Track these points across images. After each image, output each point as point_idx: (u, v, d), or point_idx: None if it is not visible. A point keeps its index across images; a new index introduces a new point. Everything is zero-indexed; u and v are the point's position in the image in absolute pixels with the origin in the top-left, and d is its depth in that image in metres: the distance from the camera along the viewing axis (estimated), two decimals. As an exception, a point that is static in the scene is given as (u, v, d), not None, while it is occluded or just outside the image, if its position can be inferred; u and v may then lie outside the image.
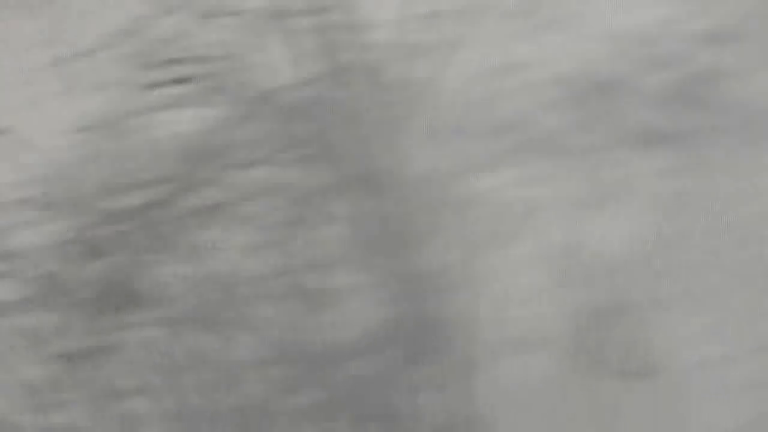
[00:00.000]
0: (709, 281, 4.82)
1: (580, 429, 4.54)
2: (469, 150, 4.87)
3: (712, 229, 5.03)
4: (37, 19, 4.65)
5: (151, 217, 4.29)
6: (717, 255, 4.92)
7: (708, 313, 4.72)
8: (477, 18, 5.69)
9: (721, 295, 4.75)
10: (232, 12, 4.67)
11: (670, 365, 4.71)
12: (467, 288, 4.51)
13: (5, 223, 4.25)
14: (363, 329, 4.45)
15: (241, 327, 4.34)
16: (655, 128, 5.41)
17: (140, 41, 4.43)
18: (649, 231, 5.12)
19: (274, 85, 4.49)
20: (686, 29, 6.10)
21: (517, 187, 4.95)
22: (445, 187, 4.58)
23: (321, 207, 4.42)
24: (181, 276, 4.31)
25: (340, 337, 4.43)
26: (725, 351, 4.54)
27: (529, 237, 4.78)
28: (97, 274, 4.28)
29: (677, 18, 6.23)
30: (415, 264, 4.48)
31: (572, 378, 4.75)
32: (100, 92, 4.40)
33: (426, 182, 4.57)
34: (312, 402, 4.43)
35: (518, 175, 5.09)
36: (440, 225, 4.51)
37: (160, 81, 4.37)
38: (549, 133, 5.29)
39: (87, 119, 4.32)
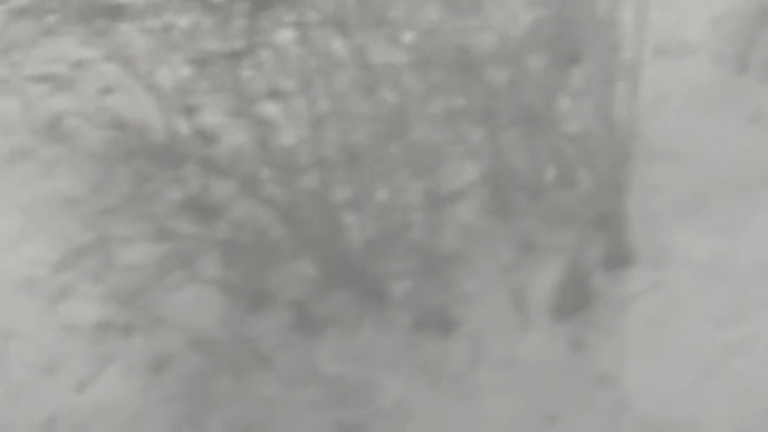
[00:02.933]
0: None
1: (729, 128, 4.46)
2: None
3: None
4: None
5: None
6: None
7: None
8: None
9: None
10: None
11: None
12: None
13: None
14: (508, 33, 4.32)
15: (378, 30, 4.22)
16: None
17: None
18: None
19: None
20: None
21: None
22: None
23: None
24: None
25: (483, 41, 4.31)
26: None
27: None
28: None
29: None
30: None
31: (719, 82, 4.66)
32: None
33: None
34: (450, 108, 4.35)
35: None
36: None
37: None
38: None
39: None
